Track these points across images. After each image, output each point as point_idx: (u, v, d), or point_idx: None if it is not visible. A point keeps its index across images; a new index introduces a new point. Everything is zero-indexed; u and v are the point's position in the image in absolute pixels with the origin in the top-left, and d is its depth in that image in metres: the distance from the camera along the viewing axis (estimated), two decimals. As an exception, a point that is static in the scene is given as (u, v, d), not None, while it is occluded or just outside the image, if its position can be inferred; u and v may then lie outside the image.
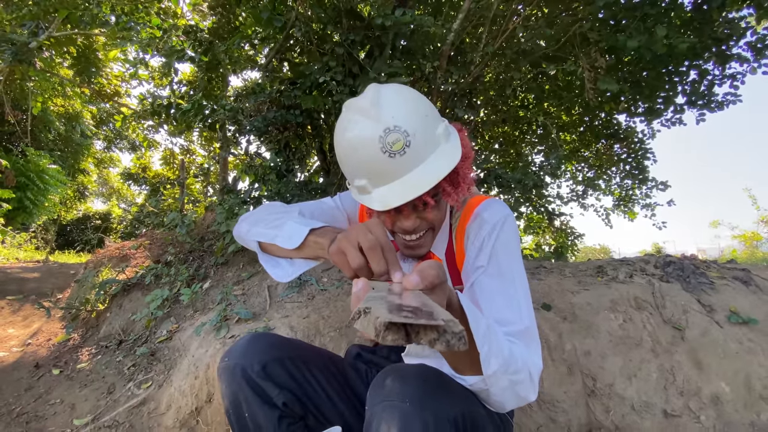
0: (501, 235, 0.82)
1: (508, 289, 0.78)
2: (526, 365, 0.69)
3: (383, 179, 0.74)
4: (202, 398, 1.69)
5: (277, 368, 0.88)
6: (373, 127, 0.71)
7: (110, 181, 15.65)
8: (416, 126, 0.72)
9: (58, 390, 2.02)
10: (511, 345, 0.69)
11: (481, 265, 0.81)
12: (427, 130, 0.74)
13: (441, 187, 0.78)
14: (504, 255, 0.81)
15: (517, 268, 0.81)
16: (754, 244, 7.61)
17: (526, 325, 0.75)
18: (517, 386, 0.68)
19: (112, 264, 3.17)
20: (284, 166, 3.05)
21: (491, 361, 0.62)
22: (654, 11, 2.69)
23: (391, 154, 0.71)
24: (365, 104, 0.73)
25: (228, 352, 0.90)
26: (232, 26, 3.90)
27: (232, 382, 0.86)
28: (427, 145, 0.73)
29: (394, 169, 0.73)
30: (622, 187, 4.65)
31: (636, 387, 1.55)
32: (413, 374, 0.69)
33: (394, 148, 0.70)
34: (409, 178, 0.73)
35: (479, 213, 0.86)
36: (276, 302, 2.17)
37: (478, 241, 0.83)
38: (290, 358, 0.91)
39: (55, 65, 8.33)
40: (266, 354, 0.88)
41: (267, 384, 0.85)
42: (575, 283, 2.00)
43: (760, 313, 1.78)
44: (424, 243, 0.87)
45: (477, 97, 3.63)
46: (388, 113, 0.71)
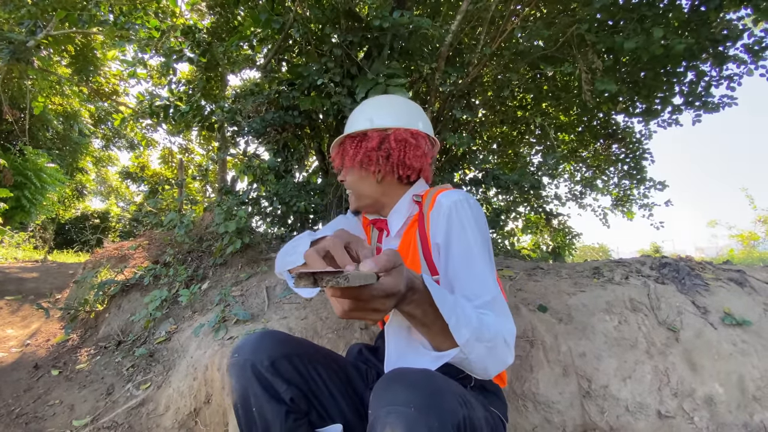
0: (453, 215, 0.92)
1: (469, 264, 0.87)
2: (499, 332, 0.76)
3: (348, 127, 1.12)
4: (200, 399, 1.70)
5: (285, 364, 0.91)
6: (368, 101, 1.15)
7: (108, 179, 15.64)
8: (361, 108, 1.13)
9: (57, 391, 2.03)
10: (481, 315, 0.76)
11: (438, 242, 0.93)
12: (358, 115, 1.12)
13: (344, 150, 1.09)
14: (459, 232, 0.90)
15: (476, 241, 0.89)
16: (752, 244, 7.64)
17: (492, 295, 0.83)
18: (494, 351, 0.74)
19: (111, 264, 3.18)
20: (283, 166, 3.05)
21: (462, 330, 0.69)
22: (651, 12, 2.70)
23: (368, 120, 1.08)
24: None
25: (237, 349, 0.93)
26: (230, 26, 3.90)
27: (241, 376, 0.89)
28: (351, 123, 1.12)
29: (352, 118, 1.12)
30: (620, 187, 4.67)
31: (630, 388, 1.56)
32: (418, 380, 0.71)
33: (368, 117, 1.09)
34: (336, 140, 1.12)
35: (439, 200, 0.98)
36: (274, 303, 2.18)
37: (438, 223, 0.95)
38: (297, 354, 0.95)
39: (53, 64, 8.31)
40: (275, 350, 0.91)
41: (275, 379, 0.88)
42: (571, 284, 2.02)
43: (754, 315, 1.80)
44: (351, 199, 1.13)
45: (475, 97, 3.64)
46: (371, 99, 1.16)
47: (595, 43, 2.65)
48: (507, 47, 3.21)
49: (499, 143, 4.69)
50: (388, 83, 2.48)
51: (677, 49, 2.36)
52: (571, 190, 4.82)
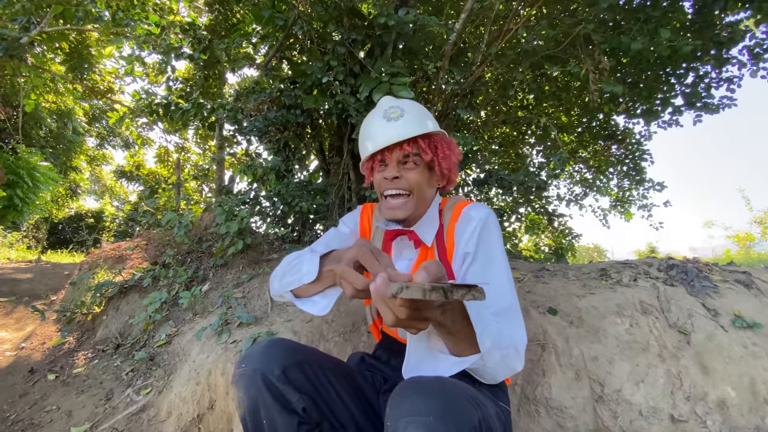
0: (485, 228, 0.97)
1: (491, 273, 0.92)
2: (512, 340, 0.80)
3: (380, 140, 1.00)
4: (203, 405, 1.66)
5: (297, 372, 0.88)
6: (385, 104, 1.05)
7: (103, 178, 15.45)
8: (411, 109, 1.02)
9: (53, 396, 1.97)
10: (497, 323, 0.80)
11: (468, 251, 0.96)
12: (420, 115, 1.02)
13: (420, 146, 1.00)
14: (488, 243, 0.96)
15: (500, 253, 0.96)
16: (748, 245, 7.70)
17: (509, 303, 0.87)
18: (506, 359, 0.78)
19: (108, 265, 3.12)
20: (284, 166, 3.01)
21: (485, 339, 0.72)
22: (656, 13, 2.69)
23: (389, 120, 0.99)
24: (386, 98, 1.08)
25: (245, 359, 0.89)
26: (229, 23, 3.85)
27: (251, 387, 0.85)
28: (417, 120, 1.00)
29: (389, 129, 0.99)
30: (620, 187, 4.67)
31: (643, 392, 1.54)
32: (434, 388, 0.71)
33: (392, 115, 1.00)
34: (397, 133, 0.99)
35: (466, 212, 1.02)
36: (278, 306, 2.13)
37: (466, 234, 0.98)
38: (308, 362, 0.92)
39: (46, 61, 8.19)
40: (286, 358, 0.89)
41: (287, 389, 0.85)
42: (580, 286, 2.00)
43: (764, 317, 1.79)
44: (403, 206, 1.02)
45: (478, 97, 3.62)
46: (395, 99, 1.06)
47: (601, 42, 2.63)
48: (510, 47, 3.19)
49: (500, 143, 4.68)
50: (392, 82, 2.45)
51: (684, 50, 2.35)
52: (571, 191, 4.81)
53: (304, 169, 3.43)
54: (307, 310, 0.91)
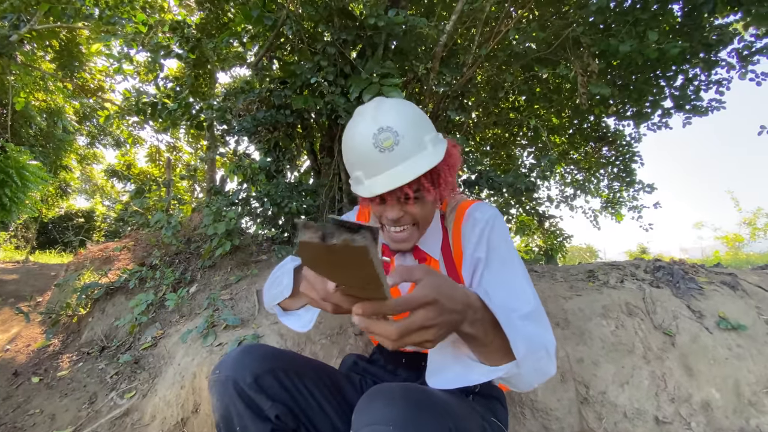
0: (494, 229, 0.92)
1: (510, 276, 0.86)
2: (542, 343, 0.74)
3: (373, 171, 0.85)
4: (188, 409, 1.64)
5: (270, 380, 0.87)
6: (370, 125, 0.83)
7: (93, 178, 15.29)
8: (406, 130, 0.83)
9: (37, 399, 1.94)
10: (526, 329, 0.74)
11: (480, 257, 0.90)
12: (416, 134, 0.84)
13: (421, 183, 0.86)
14: (500, 245, 0.90)
15: (514, 254, 0.90)
16: (737, 246, 7.80)
17: (533, 306, 0.80)
18: (539, 363, 0.71)
19: (95, 266, 3.08)
20: (274, 166, 2.99)
21: (519, 345, 0.65)
22: (645, 16, 2.71)
23: (381, 150, 0.82)
24: (369, 108, 0.86)
25: (219, 365, 0.89)
26: (220, 22, 3.81)
27: (224, 395, 0.85)
28: (414, 146, 0.84)
29: (383, 163, 0.83)
30: (610, 189, 4.71)
31: (628, 394, 1.55)
32: (398, 396, 0.70)
33: (384, 144, 0.82)
34: (394, 171, 0.83)
35: (471, 213, 0.96)
36: (265, 308, 2.12)
37: (474, 237, 0.92)
38: (283, 369, 0.90)
39: (36, 59, 8.08)
40: (258, 366, 0.87)
41: (259, 396, 0.84)
42: (567, 288, 2.00)
43: (748, 319, 1.80)
44: (409, 237, 0.94)
45: (469, 98, 3.62)
46: (384, 116, 0.83)
47: (590, 45, 2.64)
48: (501, 49, 3.19)
49: (492, 145, 4.69)
50: (383, 83, 2.44)
51: (672, 53, 2.36)
52: (562, 192, 4.84)
53: (294, 170, 3.41)
54: (290, 326, 0.91)
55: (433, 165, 0.83)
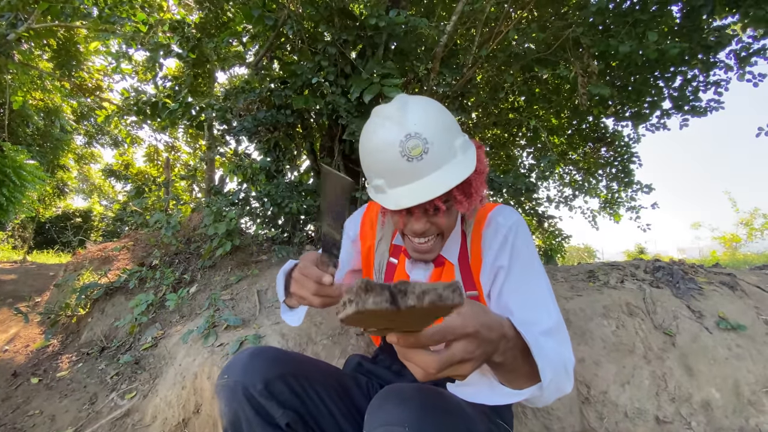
0: (518, 237, 0.87)
1: (533, 288, 0.82)
2: (562, 361, 0.71)
3: (399, 181, 0.77)
4: (189, 409, 1.64)
5: (280, 386, 0.85)
6: (397, 131, 0.75)
7: (91, 177, 15.23)
8: (436, 135, 0.75)
9: (37, 400, 1.93)
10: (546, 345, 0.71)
11: (502, 265, 0.85)
12: (446, 140, 0.76)
13: (453, 195, 0.79)
14: (523, 255, 0.85)
15: (538, 265, 0.85)
16: (734, 246, 7.83)
17: (555, 321, 0.77)
18: (559, 383, 0.69)
19: (94, 266, 3.06)
20: (274, 166, 2.99)
21: (546, 372, 0.62)
22: (644, 17, 2.72)
23: (409, 159, 0.74)
24: (392, 110, 0.77)
25: (227, 369, 0.86)
26: (219, 22, 3.81)
27: (232, 400, 0.82)
28: (445, 154, 0.76)
29: (411, 173, 0.75)
30: (609, 189, 4.72)
31: (629, 394, 1.56)
32: (412, 397, 0.69)
33: (412, 153, 0.74)
34: (423, 182, 0.75)
35: (493, 218, 0.90)
36: (266, 308, 2.12)
37: (496, 244, 0.87)
38: (293, 374, 0.88)
39: (34, 58, 8.04)
40: (269, 371, 0.85)
41: (270, 403, 0.82)
42: (568, 288, 2.01)
43: (747, 319, 1.81)
44: (434, 248, 0.89)
45: (469, 99, 3.63)
46: (411, 120, 0.75)
47: (590, 46, 2.65)
48: (501, 49, 3.20)
49: (491, 145, 4.70)
50: (383, 83, 2.44)
51: (671, 54, 2.38)
52: (561, 193, 4.86)
53: (294, 170, 3.41)
54: (286, 321, 0.93)
55: (466, 175, 0.76)
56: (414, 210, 0.81)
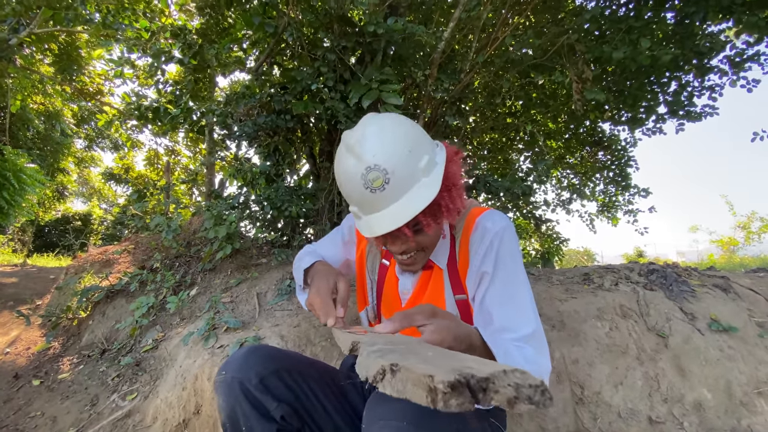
0: (504, 243, 0.87)
1: (514, 295, 0.84)
2: (538, 369, 0.74)
3: (368, 210, 0.80)
4: (189, 410, 1.66)
5: (275, 381, 0.88)
6: (356, 165, 0.76)
7: (91, 180, 15.26)
8: (396, 164, 0.75)
9: (38, 402, 1.96)
10: (523, 353, 0.75)
11: (486, 271, 0.87)
12: (408, 166, 0.76)
13: (419, 220, 0.80)
14: (508, 261, 0.86)
15: (521, 273, 0.87)
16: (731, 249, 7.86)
17: (533, 329, 0.80)
18: None
19: (95, 269, 3.09)
20: (273, 170, 3.02)
21: None
22: (638, 24, 2.77)
23: (372, 190, 0.75)
24: (353, 141, 0.77)
25: (225, 366, 0.90)
26: (220, 28, 3.85)
27: (229, 395, 0.86)
28: (407, 180, 0.76)
29: (377, 202, 0.77)
30: (606, 193, 4.76)
31: (622, 394, 1.58)
32: None
33: (374, 185, 0.75)
34: (390, 210, 0.77)
35: (481, 222, 0.91)
36: (265, 310, 2.14)
37: (482, 249, 0.88)
38: (287, 370, 0.92)
39: (35, 62, 8.10)
40: (264, 366, 0.88)
41: (265, 397, 0.86)
42: (563, 290, 2.04)
43: (739, 321, 1.84)
44: (416, 261, 0.91)
45: (466, 104, 3.67)
46: (370, 152, 0.75)
47: (585, 52, 2.70)
48: (498, 55, 3.25)
49: (489, 149, 4.74)
50: (382, 89, 2.48)
51: (664, 60, 2.42)
52: (558, 196, 4.89)
53: (294, 174, 3.44)
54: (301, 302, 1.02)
55: (429, 200, 0.76)
56: (386, 235, 0.82)
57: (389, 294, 1.03)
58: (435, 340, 0.55)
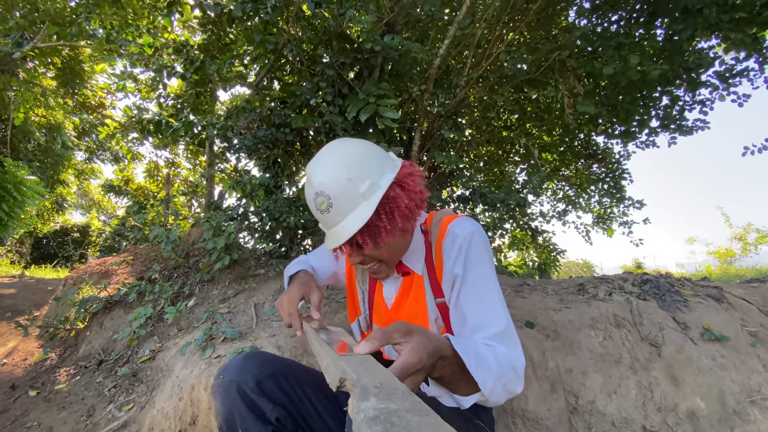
0: (472, 246, 0.92)
1: (483, 296, 0.89)
2: (511, 365, 0.78)
3: (325, 226, 0.92)
4: (186, 420, 1.67)
5: (271, 384, 0.92)
6: (309, 189, 0.88)
7: (90, 192, 15.30)
8: (337, 191, 0.84)
9: (35, 412, 1.95)
10: (494, 351, 0.79)
11: (457, 273, 0.92)
12: (347, 192, 0.84)
13: (355, 240, 0.89)
14: (476, 264, 0.92)
15: (490, 274, 0.92)
16: (728, 260, 7.89)
17: (504, 327, 0.85)
18: (507, 385, 0.77)
19: (93, 281, 3.10)
20: (273, 182, 3.06)
21: (487, 382, 0.71)
22: (628, 41, 2.86)
23: (321, 212, 0.87)
24: (309, 167, 0.89)
25: (223, 370, 0.94)
26: (222, 44, 3.94)
27: (227, 398, 0.89)
28: (347, 204, 0.85)
29: (327, 222, 0.89)
30: (601, 204, 4.81)
31: (616, 404, 1.60)
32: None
33: (321, 207, 0.86)
34: (336, 230, 0.87)
35: (451, 230, 0.97)
36: (263, 320, 2.16)
37: (453, 254, 0.94)
38: (283, 375, 0.95)
39: (38, 75, 8.22)
40: (261, 370, 0.92)
41: (261, 399, 0.89)
42: (557, 300, 2.06)
43: (732, 330, 1.86)
44: (380, 270, 0.99)
45: (462, 117, 3.74)
46: (317, 180, 0.85)
47: (576, 68, 2.78)
48: (492, 70, 3.33)
49: (485, 161, 4.81)
50: (379, 103, 2.54)
51: (653, 75, 2.49)
52: (554, 208, 4.94)
53: (293, 185, 3.49)
54: None
55: (362, 224, 0.83)
56: (343, 248, 0.93)
57: (378, 301, 1.09)
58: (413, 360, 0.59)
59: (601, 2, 3.29)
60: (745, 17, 2.86)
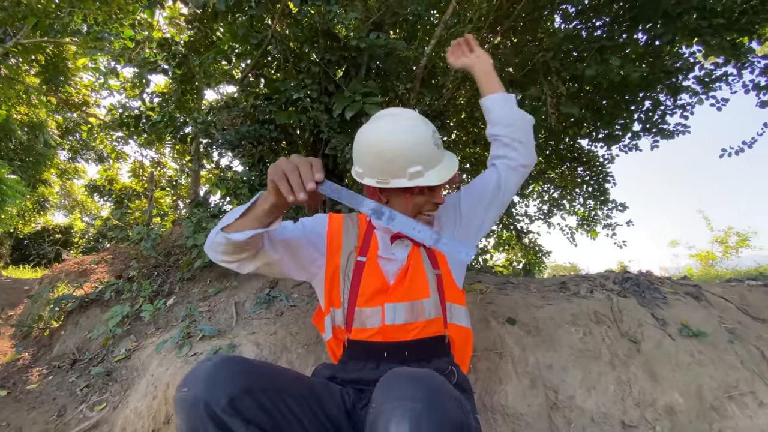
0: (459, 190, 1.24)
1: None
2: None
3: (432, 164, 1.05)
4: (159, 420, 1.62)
5: (247, 401, 0.78)
6: (426, 127, 1.05)
7: (74, 193, 14.97)
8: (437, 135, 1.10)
9: (4, 412, 1.88)
10: None
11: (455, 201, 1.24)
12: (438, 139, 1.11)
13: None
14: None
15: None
16: (710, 263, 8.05)
17: None
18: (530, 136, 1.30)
19: (70, 279, 3.02)
20: (257, 180, 3.02)
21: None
22: (610, 44, 2.90)
23: (438, 147, 1.06)
24: (413, 115, 1.07)
25: (187, 381, 0.78)
26: (208, 41, 3.90)
27: (192, 417, 0.75)
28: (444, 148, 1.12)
29: (438, 157, 1.06)
30: (585, 207, 4.87)
31: (595, 399, 1.60)
32: (424, 378, 0.74)
33: (438, 142, 1.06)
34: (445, 164, 1.07)
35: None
36: (243, 318, 2.12)
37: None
38: (262, 388, 0.82)
39: (21, 72, 8.04)
40: (234, 385, 0.78)
41: (234, 421, 0.76)
42: (539, 298, 2.07)
43: (710, 327, 1.89)
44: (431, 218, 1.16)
45: (450, 118, 3.76)
46: (428, 124, 1.07)
47: (560, 70, 2.81)
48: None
49: (471, 163, 4.83)
50: (365, 101, 2.53)
51: (633, 78, 2.53)
52: (539, 209, 4.99)
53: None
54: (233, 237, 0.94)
55: (457, 160, 1.12)
56: (436, 186, 1.07)
57: (370, 283, 1.10)
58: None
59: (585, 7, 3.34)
60: (724, 23, 2.93)
